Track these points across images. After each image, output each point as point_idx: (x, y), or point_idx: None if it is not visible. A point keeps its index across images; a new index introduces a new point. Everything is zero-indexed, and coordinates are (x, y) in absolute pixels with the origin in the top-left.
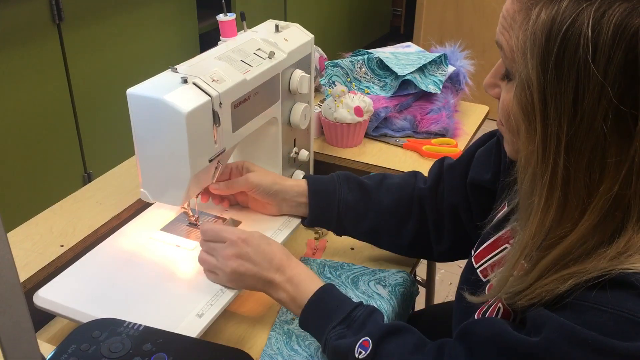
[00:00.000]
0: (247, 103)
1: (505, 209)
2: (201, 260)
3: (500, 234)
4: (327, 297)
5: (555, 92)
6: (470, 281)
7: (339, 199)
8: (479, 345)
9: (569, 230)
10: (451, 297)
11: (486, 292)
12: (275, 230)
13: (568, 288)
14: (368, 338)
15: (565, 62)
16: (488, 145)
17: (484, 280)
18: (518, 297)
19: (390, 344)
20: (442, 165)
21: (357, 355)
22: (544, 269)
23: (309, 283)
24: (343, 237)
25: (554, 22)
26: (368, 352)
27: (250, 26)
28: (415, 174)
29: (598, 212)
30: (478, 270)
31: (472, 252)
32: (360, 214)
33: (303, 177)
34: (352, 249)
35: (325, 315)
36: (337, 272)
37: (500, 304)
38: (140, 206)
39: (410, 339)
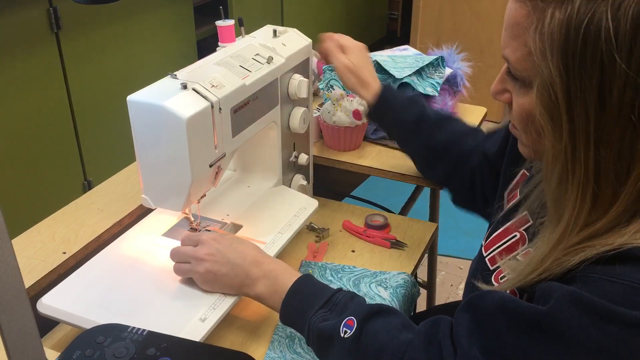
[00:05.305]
0: (247, 108)
1: (517, 197)
2: (176, 269)
3: (510, 222)
4: (306, 285)
5: (580, 88)
6: (479, 270)
7: (396, 119)
8: (486, 314)
9: (600, 217)
10: (452, 298)
11: (492, 280)
12: (277, 234)
13: (577, 262)
14: (352, 317)
15: (587, 58)
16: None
17: (492, 268)
18: (529, 273)
19: (376, 322)
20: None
21: (342, 335)
22: (564, 249)
23: (287, 275)
24: (342, 240)
25: (570, 20)
26: (353, 330)
27: (248, 32)
28: (476, 132)
29: (628, 198)
30: (487, 259)
31: (483, 242)
32: (406, 138)
33: (381, 88)
34: (353, 251)
35: (307, 302)
36: (339, 275)
37: None
38: (141, 212)
39: (396, 319)
